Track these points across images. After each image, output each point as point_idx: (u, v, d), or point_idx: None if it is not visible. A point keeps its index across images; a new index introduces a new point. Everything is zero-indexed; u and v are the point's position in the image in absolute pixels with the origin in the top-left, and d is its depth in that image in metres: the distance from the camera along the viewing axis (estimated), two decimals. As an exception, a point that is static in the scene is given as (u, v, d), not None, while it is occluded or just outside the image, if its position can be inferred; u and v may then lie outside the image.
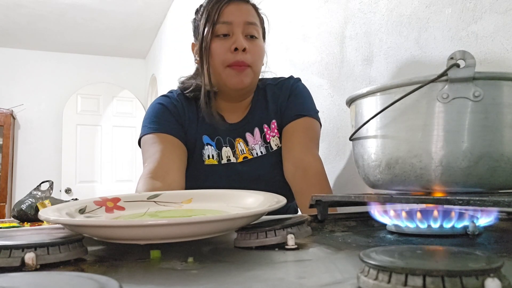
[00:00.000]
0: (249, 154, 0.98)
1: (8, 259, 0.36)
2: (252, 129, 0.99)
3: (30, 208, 0.89)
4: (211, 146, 0.97)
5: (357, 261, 0.37)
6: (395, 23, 0.96)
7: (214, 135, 0.98)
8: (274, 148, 0.99)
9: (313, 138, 0.98)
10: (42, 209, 0.60)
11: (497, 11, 0.71)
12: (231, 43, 0.90)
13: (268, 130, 1.00)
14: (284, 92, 1.01)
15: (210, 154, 0.97)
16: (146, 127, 0.96)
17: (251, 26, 0.92)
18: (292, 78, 1.05)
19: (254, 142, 0.99)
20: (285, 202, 0.53)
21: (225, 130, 0.98)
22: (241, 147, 0.98)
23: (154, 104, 1.00)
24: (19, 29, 3.87)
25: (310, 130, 0.98)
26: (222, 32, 0.91)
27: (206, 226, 0.42)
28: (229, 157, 0.97)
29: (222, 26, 0.91)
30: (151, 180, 0.84)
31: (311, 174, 0.91)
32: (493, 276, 0.24)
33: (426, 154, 0.51)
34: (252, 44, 0.92)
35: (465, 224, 0.51)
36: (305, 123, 0.98)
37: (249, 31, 0.92)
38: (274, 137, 0.99)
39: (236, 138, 0.99)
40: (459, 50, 0.49)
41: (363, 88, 0.58)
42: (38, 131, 4.37)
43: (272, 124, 1.00)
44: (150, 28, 3.94)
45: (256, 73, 0.95)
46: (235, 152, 0.98)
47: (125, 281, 0.34)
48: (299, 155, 0.94)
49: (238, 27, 0.91)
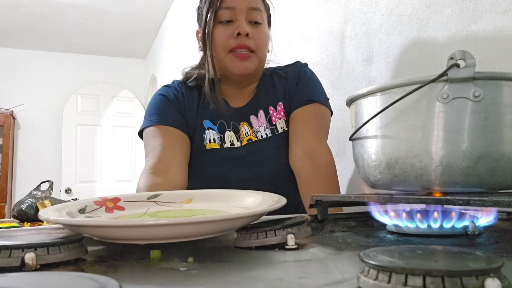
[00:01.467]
0: (253, 136, 0.95)
1: (8, 259, 0.36)
2: (257, 112, 0.97)
3: (30, 208, 0.89)
4: (213, 130, 0.95)
5: (357, 261, 0.37)
6: (395, 23, 0.96)
7: (216, 119, 0.95)
8: (280, 130, 0.96)
9: (324, 126, 0.95)
10: (42, 209, 0.60)
11: (497, 11, 0.71)
12: (234, 28, 0.89)
13: (274, 112, 0.97)
14: (291, 76, 0.99)
15: (211, 138, 0.94)
16: (147, 120, 0.95)
17: (255, 12, 0.91)
18: (299, 63, 1.03)
19: (259, 124, 0.96)
20: (285, 202, 0.53)
21: (229, 114, 0.96)
22: (245, 130, 0.95)
23: (156, 95, 0.99)
24: (19, 29, 3.87)
25: (321, 118, 0.95)
26: (225, 18, 0.89)
27: (206, 226, 0.42)
28: (232, 141, 0.94)
29: (225, 12, 0.89)
30: (152, 176, 0.84)
31: (323, 166, 0.89)
32: (493, 276, 0.24)
33: (426, 154, 0.51)
34: (256, 30, 0.91)
35: (465, 224, 0.51)
36: (316, 109, 0.95)
37: (253, 17, 0.90)
38: (280, 120, 0.96)
39: (241, 122, 0.96)
40: (459, 50, 0.49)
41: (363, 88, 0.58)
42: (38, 131, 4.37)
43: (279, 106, 0.97)
44: (150, 28, 3.94)
45: (261, 59, 0.93)
46: (239, 137, 0.95)
47: (125, 281, 0.34)
48: (309, 142, 0.90)
49: (241, 13, 0.89)
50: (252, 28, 0.90)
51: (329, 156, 0.91)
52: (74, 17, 3.63)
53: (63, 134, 4.35)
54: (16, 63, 4.34)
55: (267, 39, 0.94)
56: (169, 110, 0.95)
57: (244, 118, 0.96)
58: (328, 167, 0.89)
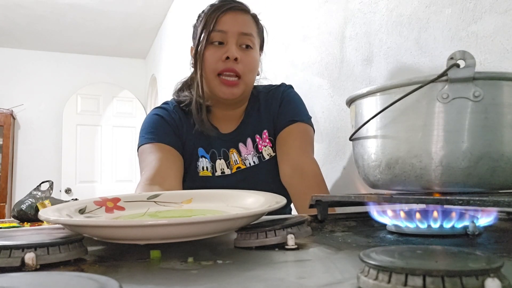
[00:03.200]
0: (242, 164, 1.00)
1: (8, 259, 0.36)
2: (245, 140, 1.01)
3: (30, 208, 0.89)
4: (205, 159, 0.99)
5: (357, 261, 0.37)
6: (395, 23, 0.96)
7: (209, 147, 0.99)
8: (266, 157, 1.00)
9: (308, 142, 0.99)
10: (42, 209, 0.60)
11: (497, 11, 0.71)
12: (224, 51, 0.91)
13: (260, 140, 1.01)
14: (275, 99, 1.03)
15: (204, 166, 0.98)
16: (144, 137, 0.97)
17: (246, 37, 0.93)
18: (283, 85, 1.06)
19: (247, 153, 1.00)
20: (285, 202, 0.53)
21: (219, 140, 0.99)
22: (234, 157, 1.00)
23: (151, 115, 1.01)
24: (19, 29, 3.87)
25: (305, 135, 0.99)
26: (217, 39, 0.92)
27: (206, 226, 0.42)
28: (223, 169, 0.99)
29: (217, 34, 0.92)
30: (149, 187, 0.85)
31: (309, 177, 0.92)
32: (493, 276, 0.24)
33: (426, 154, 0.51)
34: (245, 54, 0.93)
35: (465, 224, 0.51)
36: (300, 128, 0.99)
37: (244, 41, 0.93)
38: (266, 147, 1.01)
39: (230, 149, 1.00)
40: (459, 50, 0.49)
41: (363, 88, 0.58)
42: (38, 131, 4.37)
43: (264, 134, 1.01)
44: (150, 28, 3.94)
45: (247, 84, 0.96)
46: (229, 164, 0.99)
47: (125, 281, 0.34)
48: (295, 157, 0.94)
49: (232, 37, 0.92)
50: (241, 52, 0.92)
51: (315, 167, 0.95)
52: (74, 17, 3.63)
53: (63, 134, 4.35)
54: (16, 63, 4.34)
55: (256, 64, 0.97)
56: (165, 130, 0.97)
57: (233, 145, 1.00)
58: (314, 176, 0.93)
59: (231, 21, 0.92)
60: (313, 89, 1.31)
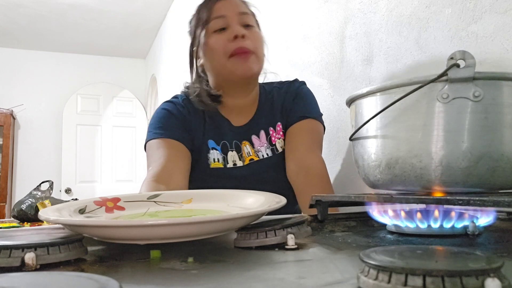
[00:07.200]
0: (255, 156, 0.99)
1: (8, 259, 0.36)
2: (258, 132, 1.00)
3: (30, 208, 0.89)
4: (216, 151, 0.98)
5: (357, 261, 0.37)
6: (395, 23, 0.96)
7: (219, 139, 0.98)
8: (279, 150, 1.00)
9: (317, 140, 0.99)
10: (42, 209, 0.60)
11: (497, 11, 0.71)
12: (229, 33, 0.91)
13: (273, 132, 1.00)
14: (289, 94, 1.02)
15: (215, 157, 0.97)
16: (152, 133, 0.96)
17: (245, 16, 0.94)
18: (297, 81, 1.06)
19: (260, 144, 0.99)
20: (285, 202, 0.53)
21: (232, 133, 0.99)
22: (247, 149, 0.99)
23: (160, 109, 1.00)
24: (19, 29, 3.87)
25: (314, 132, 0.99)
26: (218, 26, 0.92)
27: (206, 226, 0.42)
28: (235, 161, 0.98)
29: (217, 21, 0.92)
30: (154, 184, 0.84)
31: (313, 175, 0.92)
32: (493, 276, 0.24)
33: (426, 154, 0.51)
34: (250, 32, 0.93)
35: (465, 224, 0.51)
36: (309, 125, 0.98)
37: (244, 21, 0.93)
38: (279, 139, 1.00)
39: (243, 141, 0.99)
40: (459, 50, 0.49)
41: (363, 88, 0.58)
42: (38, 131, 4.37)
43: (278, 126, 1.01)
44: (150, 28, 3.94)
45: (260, 59, 0.95)
46: (241, 156, 0.98)
47: (125, 281, 0.34)
48: (302, 155, 0.94)
49: (233, 18, 0.92)
50: (246, 30, 0.92)
51: (320, 165, 0.94)
52: (74, 17, 3.63)
53: (63, 134, 4.35)
54: (16, 63, 4.34)
55: (262, 39, 0.97)
56: (173, 124, 0.97)
57: (245, 137, 1.00)
58: (319, 175, 0.93)
59: (227, 4, 0.93)
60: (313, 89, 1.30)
